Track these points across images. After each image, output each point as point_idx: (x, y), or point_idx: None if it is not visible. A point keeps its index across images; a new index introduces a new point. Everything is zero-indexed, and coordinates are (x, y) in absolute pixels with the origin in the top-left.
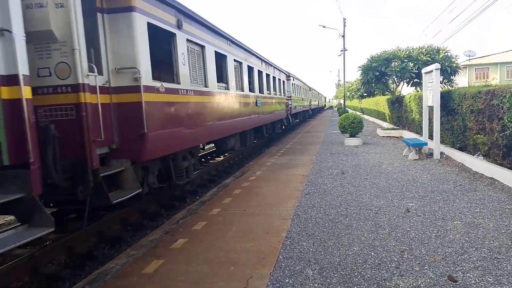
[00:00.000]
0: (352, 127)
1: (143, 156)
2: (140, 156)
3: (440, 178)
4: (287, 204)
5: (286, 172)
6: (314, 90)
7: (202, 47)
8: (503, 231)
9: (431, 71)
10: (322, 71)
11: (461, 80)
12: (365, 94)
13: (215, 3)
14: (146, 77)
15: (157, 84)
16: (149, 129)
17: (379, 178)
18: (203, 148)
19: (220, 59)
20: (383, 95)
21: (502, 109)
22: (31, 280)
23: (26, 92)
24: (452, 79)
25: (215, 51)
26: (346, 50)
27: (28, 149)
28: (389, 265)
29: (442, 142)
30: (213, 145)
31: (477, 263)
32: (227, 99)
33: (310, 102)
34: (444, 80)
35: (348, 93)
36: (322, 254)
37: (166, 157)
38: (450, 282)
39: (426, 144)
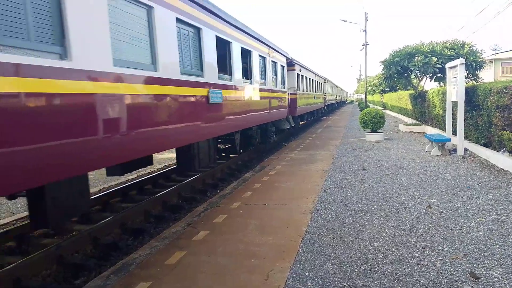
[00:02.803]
0: (374, 122)
1: (295, 114)
2: (295, 113)
3: (463, 174)
4: (307, 199)
5: (306, 167)
6: (339, 87)
7: (303, 75)
8: None
9: (456, 66)
10: (343, 65)
11: (487, 75)
12: (387, 89)
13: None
14: (297, 89)
15: (298, 91)
16: (298, 105)
17: (400, 173)
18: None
19: (307, 78)
20: (406, 90)
21: None
22: (58, 269)
23: (291, 96)
24: (477, 74)
25: (306, 76)
26: (368, 44)
27: (289, 105)
28: (410, 261)
29: (466, 138)
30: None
31: (501, 260)
32: (311, 95)
33: (336, 97)
34: (469, 75)
35: (369, 88)
36: (342, 249)
37: (297, 116)
38: (472, 279)
39: (449, 140)
